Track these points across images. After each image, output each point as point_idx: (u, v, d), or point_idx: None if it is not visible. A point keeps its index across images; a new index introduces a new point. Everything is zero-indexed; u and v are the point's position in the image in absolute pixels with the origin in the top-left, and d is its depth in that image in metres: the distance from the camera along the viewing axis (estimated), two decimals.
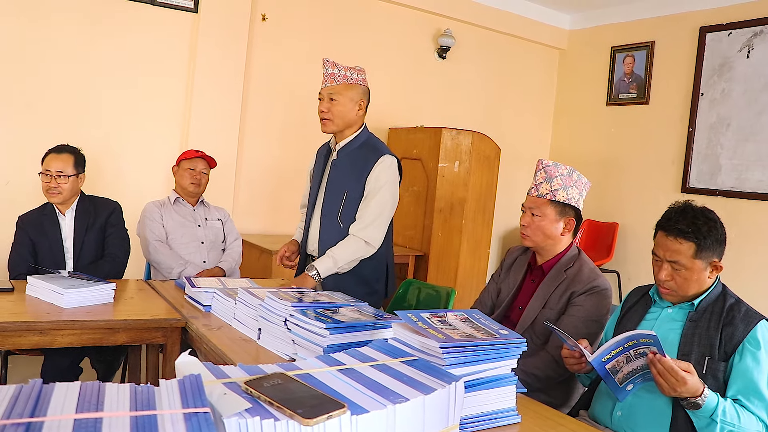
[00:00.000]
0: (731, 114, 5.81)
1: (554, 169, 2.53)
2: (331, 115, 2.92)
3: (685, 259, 2.01)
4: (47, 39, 4.49)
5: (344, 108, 2.92)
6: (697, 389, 1.80)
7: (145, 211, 3.68)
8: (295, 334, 1.99)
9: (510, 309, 2.64)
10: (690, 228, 2.00)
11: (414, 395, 1.30)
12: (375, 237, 2.89)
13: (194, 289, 2.70)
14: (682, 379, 1.77)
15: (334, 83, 2.90)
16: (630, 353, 1.86)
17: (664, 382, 1.79)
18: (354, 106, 2.94)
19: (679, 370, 1.77)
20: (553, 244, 2.55)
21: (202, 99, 5.04)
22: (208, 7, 5.02)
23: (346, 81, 2.90)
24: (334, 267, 2.82)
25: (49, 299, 2.55)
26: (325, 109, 2.92)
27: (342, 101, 2.91)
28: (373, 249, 2.90)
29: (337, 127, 2.96)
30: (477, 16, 6.65)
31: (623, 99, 6.83)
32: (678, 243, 2.02)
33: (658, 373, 1.80)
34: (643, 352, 1.84)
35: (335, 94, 2.91)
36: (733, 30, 5.81)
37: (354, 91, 2.94)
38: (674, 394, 1.81)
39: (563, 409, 2.38)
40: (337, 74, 2.89)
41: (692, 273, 2.02)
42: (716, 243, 2.02)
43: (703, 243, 2.00)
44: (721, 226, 2.05)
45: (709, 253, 2.02)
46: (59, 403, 1.04)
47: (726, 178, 5.83)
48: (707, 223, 2.02)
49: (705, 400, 1.81)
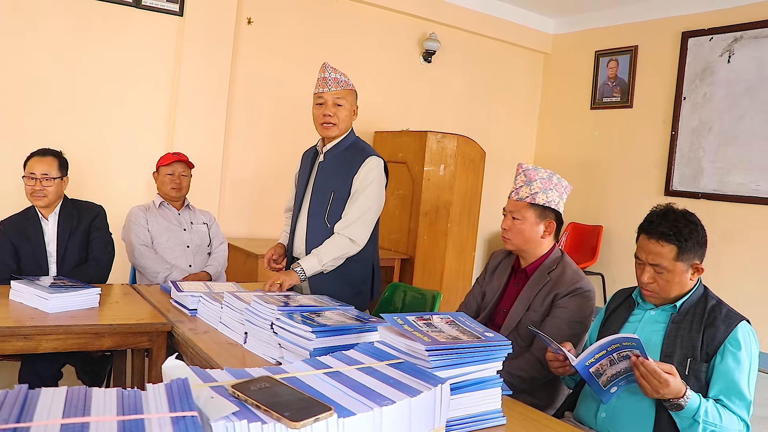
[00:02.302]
0: (713, 118, 5.88)
1: (534, 172, 2.55)
2: (337, 120, 2.94)
3: (667, 262, 2.04)
4: (31, 42, 4.47)
5: (348, 112, 2.96)
6: (680, 390, 1.82)
7: (130, 215, 3.66)
8: (281, 338, 1.99)
9: (495, 312, 2.65)
10: (671, 231, 2.03)
11: (400, 398, 1.30)
12: (359, 235, 2.89)
13: (180, 293, 2.70)
14: (664, 381, 1.79)
15: (338, 88, 2.91)
16: (613, 356, 1.88)
17: (647, 385, 1.82)
18: (352, 111, 3.00)
19: (662, 372, 1.79)
20: (534, 247, 2.57)
21: (188, 102, 5.03)
22: (194, 11, 5.01)
23: (348, 86, 2.95)
24: (318, 265, 2.81)
25: (33, 304, 2.53)
26: (332, 113, 2.93)
27: (346, 106, 2.95)
28: (358, 247, 2.90)
29: (339, 131, 2.98)
30: (462, 20, 6.68)
31: (607, 103, 6.88)
32: (660, 246, 2.05)
33: (641, 376, 1.82)
34: (626, 355, 1.87)
35: (341, 99, 2.92)
36: (714, 35, 5.88)
37: (353, 96, 3.00)
38: (657, 396, 1.83)
39: (548, 410, 2.39)
40: (340, 79, 2.92)
41: (674, 275, 2.05)
42: (697, 245, 2.05)
43: (685, 245, 2.03)
44: (702, 229, 2.09)
45: (691, 256, 2.05)
46: (45, 407, 1.04)
47: (708, 181, 5.90)
48: (688, 226, 2.05)
49: (687, 401, 1.83)
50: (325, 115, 2.93)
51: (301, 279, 2.78)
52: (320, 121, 2.96)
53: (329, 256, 2.83)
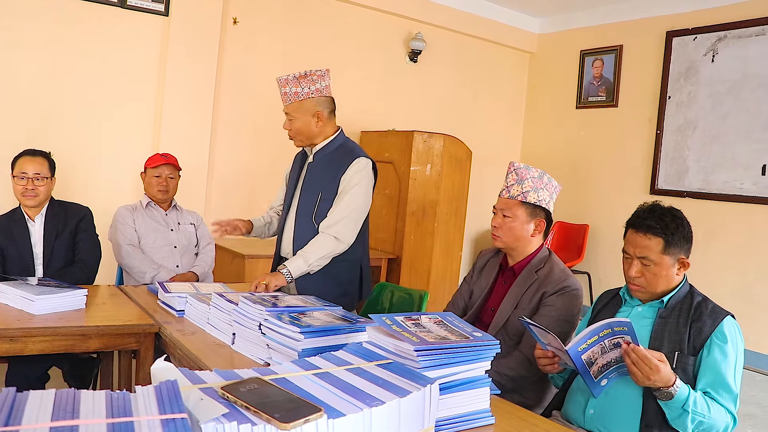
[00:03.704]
0: (697, 117, 5.93)
1: (525, 171, 2.57)
2: (294, 133, 2.98)
3: (654, 255, 2.09)
4: (15, 42, 4.43)
5: (302, 124, 2.95)
6: (670, 379, 1.86)
7: (117, 215, 3.65)
8: (269, 339, 1.99)
9: (482, 311, 2.66)
10: (658, 224, 2.09)
11: (389, 398, 1.31)
12: (345, 233, 2.88)
13: (167, 294, 2.69)
14: (655, 367, 1.83)
15: (286, 102, 2.94)
16: (605, 343, 1.91)
17: (638, 371, 1.86)
18: (311, 119, 2.94)
19: (653, 358, 1.84)
20: (524, 245, 2.59)
21: (173, 102, 5.01)
22: (179, 11, 4.99)
23: (297, 98, 2.90)
24: (304, 265, 2.81)
25: (19, 306, 2.51)
26: (287, 128, 2.99)
27: (298, 118, 2.94)
28: (344, 245, 2.89)
29: (302, 142, 3.02)
30: (448, 19, 6.69)
31: (592, 102, 6.92)
32: (647, 239, 2.10)
33: (633, 363, 1.87)
34: (617, 342, 1.91)
35: (290, 113, 2.95)
36: (698, 35, 5.93)
37: (306, 106, 2.93)
38: (648, 383, 1.87)
39: (536, 409, 2.41)
40: (289, 93, 2.91)
41: (661, 269, 2.09)
42: (683, 239, 2.10)
43: (671, 239, 2.08)
44: (688, 224, 2.15)
45: (677, 249, 2.10)
46: (34, 410, 1.03)
47: (693, 180, 5.94)
48: (674, 220, 2.11)
49: (677, 391, 1.87)
50: (286, 129, 3.00)
51: (288, 281, 2.78)
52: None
53: (315, 255, 2.82)
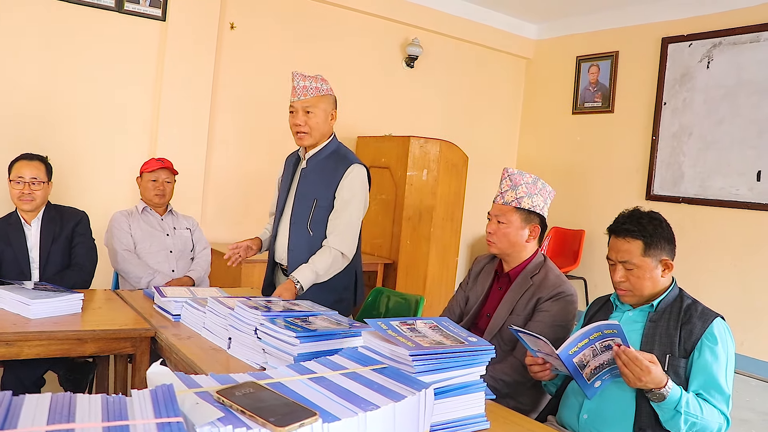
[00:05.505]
0: (693, 123, 5.95)
1: (519, 177, 2.58)
2: (308, 128, 2.90)
3: (636, 258, 2.12)
4: (11, 46, 4.43)
5: (320, 120, 2.90)
6: (661, 380, 1.88)
7: (113, 220, 3.65)
8: (265, 343, 2.00)
9: (478, 316, 2.67)
10: (636, 227, 2.13)
11: (384, 402, 1.31)
12: (350, 249, 2.91)
13: (163, 299, 2.69)
14: (646, 368, 1.85)
15: (308, 96, 2.87)
16: (596, 346, 1.92)
17: (630, 373, 1.87)
18: (327, 116, 2.94)
19: (644, 359, 1.85)
20: (518, 251, 2.60)
21: (170, 107, 5.01)
22: (177, 16, 5.00)
23: (318, 93, 2.88)
24: (315, 278, 2.82)
25: (15, 310, 2.51)
26: (302, 122, 2.89)
27: (317, 113, 2.89)
28: (348, 260, 2.92)
29: (313, 139, 2.94)
30: (444, 25, 6.71)
31: (588, 108, 6.94)
32: (627, 243, 2.14)
33: (624, 364, 1.88)
34: (608, 344, 1.92)
35: (311, 106, 2.87)
36: (693, 41, 5.96)
37: (326, 102, 2.92)
38: (640, 384, 1.88)
39: (531, 414, 2.41)
40: (309, 86, 2.87)
41: (644, 271, 2.12)
42: (663, 240, 2.13)
43: (650, 240, 2.11)
44: (667, 226, 2.18)
45: (658, 251, 2.12)
46: (30, 414, 1.03)
47: (689, 186, 5.96)
48: (652, 222, 2.14)
49: (669, 392, 1.88)
50: (296, 124, 2.91)
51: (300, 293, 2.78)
52: (294, 131, 2.95)
53: (324, 270, 2.83)
